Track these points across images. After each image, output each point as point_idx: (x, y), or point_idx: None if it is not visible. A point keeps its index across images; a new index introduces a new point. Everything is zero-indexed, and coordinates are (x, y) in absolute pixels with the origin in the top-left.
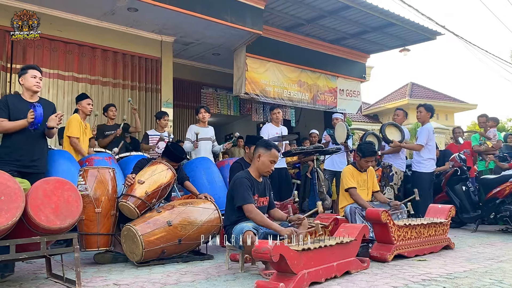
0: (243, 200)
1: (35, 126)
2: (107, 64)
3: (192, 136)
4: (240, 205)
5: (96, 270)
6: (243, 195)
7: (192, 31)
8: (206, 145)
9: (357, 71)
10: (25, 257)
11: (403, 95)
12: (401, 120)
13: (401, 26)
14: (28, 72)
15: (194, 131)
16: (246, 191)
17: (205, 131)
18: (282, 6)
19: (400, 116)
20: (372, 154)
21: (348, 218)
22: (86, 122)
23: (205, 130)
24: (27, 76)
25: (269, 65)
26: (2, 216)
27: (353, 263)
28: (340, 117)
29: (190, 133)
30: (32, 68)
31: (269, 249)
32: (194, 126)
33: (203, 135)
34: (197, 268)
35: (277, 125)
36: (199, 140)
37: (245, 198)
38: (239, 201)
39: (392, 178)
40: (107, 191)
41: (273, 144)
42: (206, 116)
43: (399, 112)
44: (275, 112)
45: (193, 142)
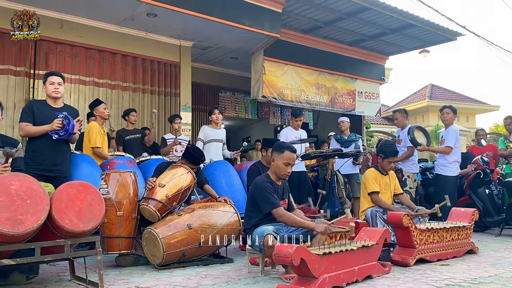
0: (271, 206)
1: (63, 137)
2: (127, 69)
3: (204, 136)
4: (269, 211)
5: (118, 272)
6: (270, 200)
7: (210, 36)
8: (218, 147)
9: (376, 73)
10: (49, 259)
11: (423, 96)
12: (402, 122)
13: (421, 27)
14: (47, 80)
15: (206, 132)
16: (272, 196)
17: (217, 133)
18: (299, 9)
19: (399, 119)
20: (394, 154)
21: (369, 221)
22: (103, 126)
23: (217, 131)
24: (46, 84)
25: (286, 68)
26: (28, 219)
27: (375, 267)
28: (347, 120)
29: (202, 133)
30: (50, 74)
31: (290, 253)
32: (207, 127)
33: (214, 136)
34: (217, 271)
35: (297, 129)
36: (210, 141)
37: (273, 203)
38: (268, 207)
39: (406, 182)
40: (129, 195)
41: (286, 146)
42: (220, 117)
43: (397, 114)
44: (297, 120)
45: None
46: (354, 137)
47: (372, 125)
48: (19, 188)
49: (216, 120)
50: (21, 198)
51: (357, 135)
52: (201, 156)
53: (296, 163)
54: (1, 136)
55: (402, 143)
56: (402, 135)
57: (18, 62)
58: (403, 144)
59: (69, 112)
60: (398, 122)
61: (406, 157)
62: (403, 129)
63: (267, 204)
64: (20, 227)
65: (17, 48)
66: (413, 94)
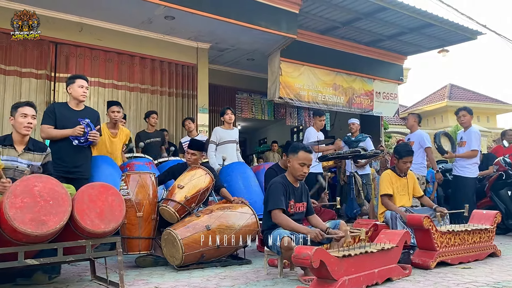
0: (273, 205)
1: (83, 143)
2: (145, 72)
3: (217, 138)
4: (270, 210)
5: (138, 273)
6: (274, 200)
7: (227, 37)
8: (232, 147)
9: (394, 73)
10: (71, 259)
11: (442, 97)
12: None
13: (440, 27)
14: (75, 82)
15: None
16: (277, 196)
17: (231, 134)
18: (316, 10)
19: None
20: (409, 153)
21: (388, 223)
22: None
23: (230, 132)
24: (75, 86)
25: (303, 69)
26: (51, 220)
27: (395, 270)
28: (357, 122)
29: (214, 136)
30: (80, 78)
31: (310, 255)
32: (219, 129)
33: (228, 137)
34: (235, 272)
35: (318, 130)
36: (224, 142)
37: (275, 203)
38: (270, 205)
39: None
40: (148, 196)
41: (301, 146)
42: (233, 117)
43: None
44: (321, 119)
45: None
46: (361, 137)
47: (390, 126)
48: (42, 190)
49: (229, 121)
50: (44, 199)
51: (364, 135)
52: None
53: (313, 165)
54: (32, 140)
55: (414, 145)
56: (413, 137)
57: (39, 65)
58: (416, 146)
59: (90, 114)
60: (408, 123)
61: (433, 159)
62: (412, 132)
63: (271, 202)
64: (44, 227)
65: (38, 51)
66: (431, 94)
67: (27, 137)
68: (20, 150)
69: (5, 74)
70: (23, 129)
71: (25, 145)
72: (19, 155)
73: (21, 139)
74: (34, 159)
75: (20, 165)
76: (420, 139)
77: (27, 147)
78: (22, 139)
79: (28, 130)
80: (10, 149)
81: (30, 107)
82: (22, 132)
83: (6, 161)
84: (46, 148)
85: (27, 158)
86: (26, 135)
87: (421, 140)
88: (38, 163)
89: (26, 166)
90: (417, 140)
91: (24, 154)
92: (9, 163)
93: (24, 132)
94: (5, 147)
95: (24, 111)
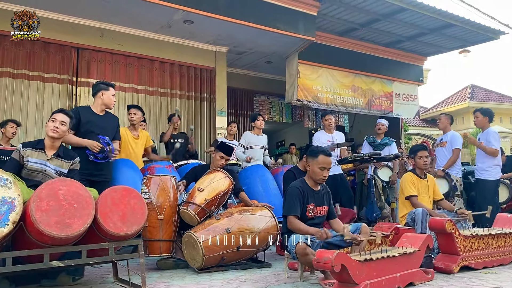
0: (287, 210)
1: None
2: (165, 76)
3: (246, 143)
4: (285, 214)
5: (159, 275)
6: (288, 205)
7: (245, 41)
8: (259, 153)
9: (413, 74)
10: (95, 261)
11: (463, 98)
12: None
13: (461, 27)
14: (110, 90)
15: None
16: (293, 202)
17: (260, 139)
18: (335, 12)
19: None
20: (421, 148)
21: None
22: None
23: (259, 137)
24: (109, 93)
25: (321, 71)
26: (76, 223)
27: (417, 274)
28: (386, 123)
29: (243, 139)
30: (113, 86)
31: (331, 259)
32: (249, 134)
33: (257, 142)
34: (256, 275)
35: (330, 132)
36: (252, 147)
37: (290, 208)
38: (285, 210)
39: (456, 187)
40: (169, 199)
41: (320, 150)
42: (263, 123)
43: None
44: (327, 119)
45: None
46: (387, 141)
47: (410, 128)
48: (66, 193)
49: (260, 126)
50: (68, 202)
51: (390, 139)
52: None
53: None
54: (62, 147)
55: (447, 145)
56: (446, 137)
57: (61, 70)
58: (448, 147)
59: (111, 120)
60: (440, 124)
61: (454, 161)
62: (445, 133)
63: (286, 207)
64: (68, 230)
65: (60, 57)
66: (452, 95)
67: (58, 143)
68: (50, 155)
69: (29, 79)
70: (49, 131)
71: (55, 150)
72: (48, 159)
73: (51, 144)
74: (62, 166)
75: (48, 169)
76: (452, 139)
77: (57, 153)
78: (52, 144)
79: (54, 133)
80: (41, 152)
81: (62, 113)
82: (49, 134)
83: (35, 163)
84: (76, 157)
85: (55, 164)
86: (52, 138)
87: (453, 140)
88: (65, 170)
89: (53, 172)
90: (449, 141)
91: (53, 160)
92: (38, 165)
93: (50, 134)
94: (36, 150)
95: (54, 116)
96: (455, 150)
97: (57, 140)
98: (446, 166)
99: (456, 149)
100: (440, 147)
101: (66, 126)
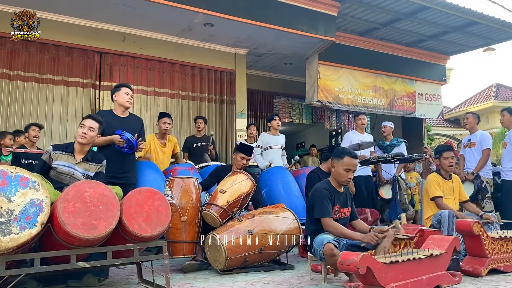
0: (320, 213)
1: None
2: (185, 79)
3: (263, 143)
4: (318, 217)
5: (182, 276)
6: (321, 207)
7: (265, 42)
8: (277, 153)
9: (436, 73)
10: (120, 263)
11: (487, 97)
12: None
13: (485, 25)
14: (121, 90)
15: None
16: (324, 204)
17: (277, 139)
18: (355, 12)
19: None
20: (447, 148)
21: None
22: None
23: (276, 138)
24: (121, 93)
25: (342, 71)
26: (101, 224)
27: (444, 277)
28: (389, 125)
29: (261, 140)
30: (125, 86)
31: (356, 261)
32: (266, 134)
33: (274, 143)
34: (279, 277)
35: (362, 132)
36: (270, 147)
37: (323, 211)
38: (317, 213)
39: (487, 189)
40: (192, 200)
41: (346, 151)
42: (280, 123)
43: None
44: (359, 118)
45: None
46: (395, 142)
47: (433, 128)
48: (92, 195)
49: (277, 127)
50: (94, 204)
51: (399, 140)
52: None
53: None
54: (91, 151)
55: (476, 146)
56: (474, 138)
57: (85, 74)
58: (478, 147)
59: (134, 121)
60: (468, 123)
61: (485, 163)
62: (473, 133)
63: (317, 211)
64: (94, 231)
65: (84, 61)
66: (476, 95)
67: (86, 148)
68: (79, 159)
69: (54, 83)
70: (78, 137)
71: (84, 155)
72: (76, 163)
73: (80, 148)
74: (89, 169)
75: (76, 173)
76: (482, 139)
77: (86, 157)
78: (81, 148)
79: (82, 139)
80: (70, 156)
81: (90, 119)
82: (78, 140)
83: (64, 166)
84: (103, 160)
85: (83, 167)
86: (81, 143)
87: (483, 140)
88: (92, 173)
89: (81, 175)
90: (479, 141)
91: (81, 163)
92: (66, 169)
93: (79, 140)
94: (65, 153)
95: (83, 122)
96: (485, 151)
97: (86, 146)
98: (476, 169)
99: (486, 149)
100: (468, 148)
101: (94, 132)
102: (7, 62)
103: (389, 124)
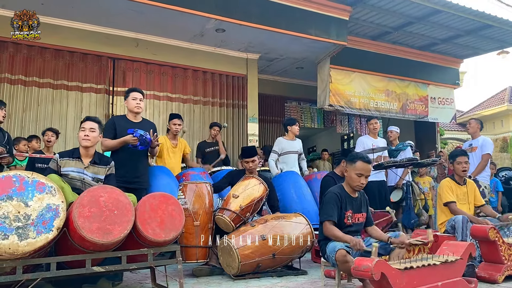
0: (323, 216)
1: (142, 147)
2: (198, 84)
3: (280, 149)
4: (321, 220)
5: (195, 281)
6: (325, 210)
7: (277, 47)
8: (294, 158)
9: (449, 77)
10: (134, 267)
11: (501, 100)
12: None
13: (499, 28)
14: (129, 95)
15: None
16: (329, 208)
17: (294, 144)
18: (367, 16)
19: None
20: (461, 153)
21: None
22: (179, 138)
23: (293, 143)
24: (129, 99)
25: (354, 75)
26: (116, 229)
27: (459, 284)
28: (395, 130)
29: (277, 146)
30: (133, 91)
31: (370, 267)
32: (283, 140)
33: (291, 148)
34: (292, 283)
35: (375, 136)
36: (287, 153)
37: (327, 214)
38: (321, 216)
39: (484, 193)
40: (205, 205)
41: (359, 156)
42: (298, 129)
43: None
44: (371, 123)
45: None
46: (401, 146)
47: (446, 132)
48: (107, 200)
49: (297, 132)
50: (109, 209)
51: (405, 144)
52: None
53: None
54: (97, 154)
55: (477, 151)
56: (476, 143)
57: (98, 80)
58: (478, 152)
59: (147, 126)
60: (470, 129)
61: (483, 168)
62: (475, 138)
63: (322, 213)
64: (109, 236)
65: (97, 67)
66: (490, 98)
67: (92, 150)
68: (87, 163)
69: (68, 89)
70: (82, 141)
71: (90, 158)
72: (85, 167)
73: (86, 152)
74: (98, 172)
75: (86, 177)
76: (483, 144)
77: (93, 160)
78: (86, 152)
79: (87, 141)
80: (78, 161)
81: (89, 121)
82: (82, 144)
83: (73, 172)
84: (110, 161)
85: (92, 171)
86: (85, 146)
87: (484, 146)
88: (102, 176)
89: (91, 179)
90: (480, 146)
91: (90, 167)
92: (76, 174)
93: (83, 144)
94: (73, 159)
95: (83, 125)
96: (485, 156)
97: (91, 148)
98: (474, 173)
99: (486, 154)
100: (469, 153)
101: (96, 132)
102: (23, 68)
103: (395, 129)
